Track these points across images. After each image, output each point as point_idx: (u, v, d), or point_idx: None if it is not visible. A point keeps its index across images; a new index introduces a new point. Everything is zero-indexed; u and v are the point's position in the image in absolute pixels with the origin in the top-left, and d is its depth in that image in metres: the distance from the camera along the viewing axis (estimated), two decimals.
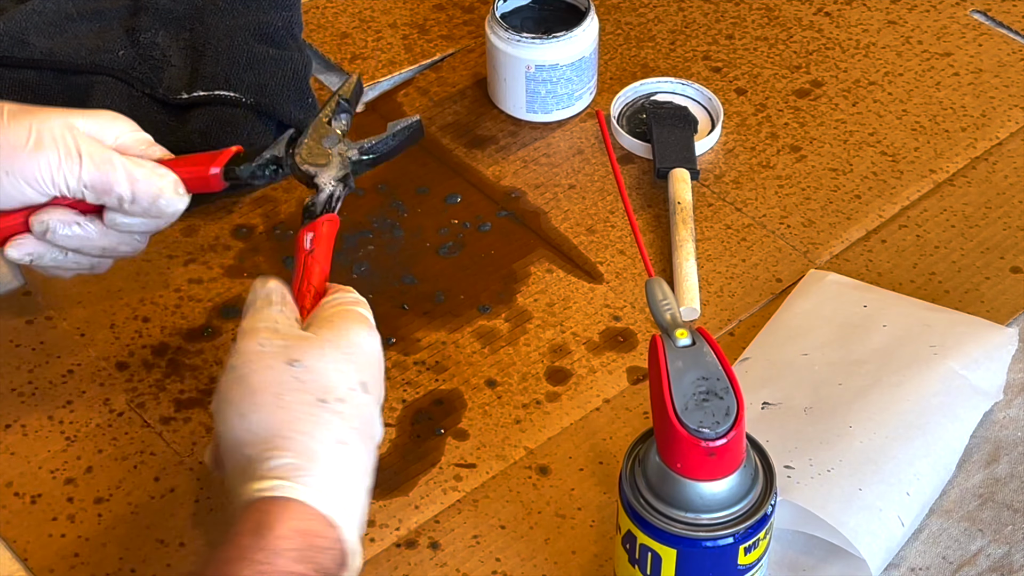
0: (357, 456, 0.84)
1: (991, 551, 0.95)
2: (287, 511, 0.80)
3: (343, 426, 0.83)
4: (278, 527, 0.79)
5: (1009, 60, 1.27)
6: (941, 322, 1.05)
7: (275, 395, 0.83)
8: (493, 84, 1.23)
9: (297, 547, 0.79)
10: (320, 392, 0.84)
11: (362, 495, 0.84)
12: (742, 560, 0.85)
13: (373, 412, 0.86)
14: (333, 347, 0.86)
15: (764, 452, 0.85)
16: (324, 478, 0.81)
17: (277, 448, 0.82)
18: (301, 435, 0.82)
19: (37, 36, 1.21)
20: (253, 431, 0.83)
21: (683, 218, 1.13)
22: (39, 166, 0.92)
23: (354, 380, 0.85)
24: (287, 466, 0.81)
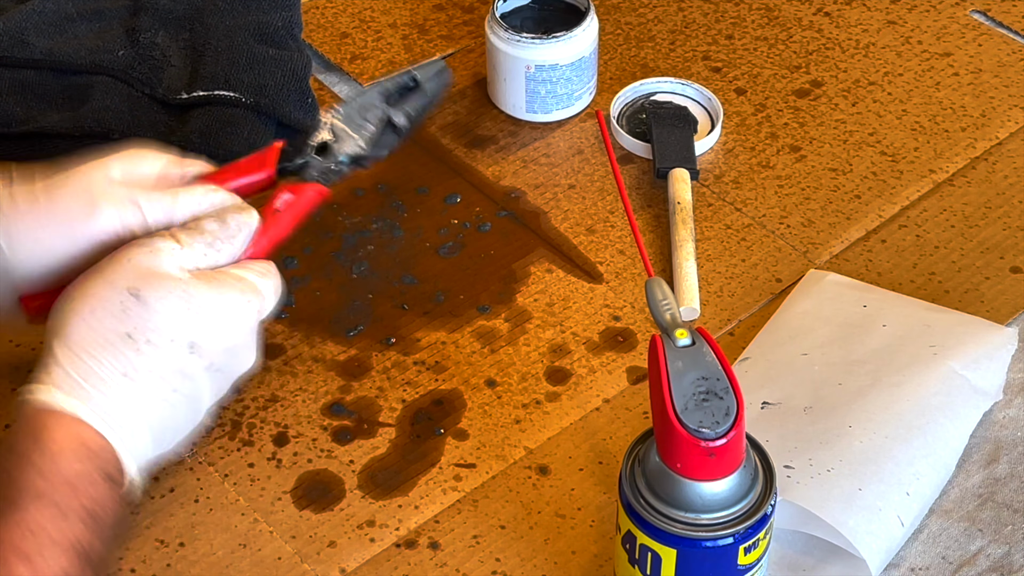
0: (141, 393, 0.85)
1: (991, 551, 0.95)
2: (56, 419, 0.83)
3: (136, 363, 0.85)
4: (54, 432, 0.83)
5: (1009, 60, 1.27)
6: (941, 322, 1.05)
7: (93, 311, 0.86)
8: (493, 84, 1.23)
9: (78, 451, 0.83)
10: (133, 327, 0.86)
11: (143, 426, 0.86)
12: (742, 560, 0.85)
13: (188, 370, 0.87)
14: (182, 297, 0.87)
15: (764, 452, 0.85)
16: (99, 402, 0.84)
17: (65, 359, 0.85)
18: (89, 357, 0.85)
19: (37, 36, 1.21)
20: (55, 329, 0.86)
21: (683, 218, 1.13)
22: (103, 230, 0.91)
23: (181, 334, 0.87)
24: (66, 380, 0.84)
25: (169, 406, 0.87)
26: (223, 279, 0.89)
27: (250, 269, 0.91)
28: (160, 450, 0.88)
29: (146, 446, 0.87)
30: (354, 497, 0.99)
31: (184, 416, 0.89)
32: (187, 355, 0.87)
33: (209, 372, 0.88)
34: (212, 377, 0.88)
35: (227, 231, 0.91)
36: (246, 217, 0.92)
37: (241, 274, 0.90)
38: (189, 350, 0.87)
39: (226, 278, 0.89)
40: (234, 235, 0.91)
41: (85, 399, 0.84)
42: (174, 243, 0.89)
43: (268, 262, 0.93)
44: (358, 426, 1.02)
